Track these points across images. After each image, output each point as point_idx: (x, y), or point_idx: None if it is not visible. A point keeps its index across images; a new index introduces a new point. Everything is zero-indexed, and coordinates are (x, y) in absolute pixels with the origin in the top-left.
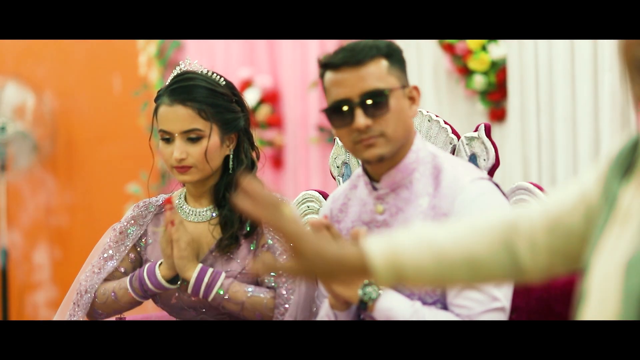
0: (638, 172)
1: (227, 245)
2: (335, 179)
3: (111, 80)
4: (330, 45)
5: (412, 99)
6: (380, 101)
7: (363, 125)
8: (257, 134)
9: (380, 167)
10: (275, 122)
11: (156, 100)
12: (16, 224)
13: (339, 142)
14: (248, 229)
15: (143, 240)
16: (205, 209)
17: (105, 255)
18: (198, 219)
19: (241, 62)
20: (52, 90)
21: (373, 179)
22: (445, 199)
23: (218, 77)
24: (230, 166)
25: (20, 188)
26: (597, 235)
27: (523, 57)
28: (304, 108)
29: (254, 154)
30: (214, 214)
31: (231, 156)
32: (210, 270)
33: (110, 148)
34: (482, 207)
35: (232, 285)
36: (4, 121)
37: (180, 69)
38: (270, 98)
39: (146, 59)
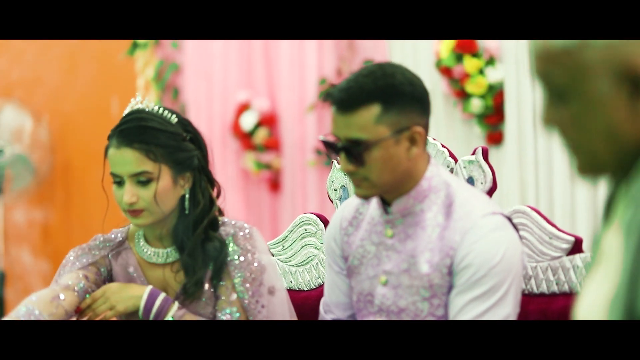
0: (614, 216)
1: (193, 292)
2: (332, 202)
3: (109, 102)
4: (328, 70)
5: (414, 141)
6: (360, 152)
7: (344, 169)
8: (254, 157)
9: (391, 193)
10: (272, 145)
11: (108, 138)
12: (13, 246)
13: (337, 165)
14: (211, 268)
15: (112, 274)
16: (167, 250)
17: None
18: (160, 261)
19: (239, 85)
20: (50, 113)
21: (385, 201)
22: (455, 232)
23: (169, 114)
24: (186, 206)
25: (18, 210)
26: (586, 274)
27: (520, 80)
28: (301, 131)
29: (214, 192)
30: (176, 256)
31: (187, 196)
32: (162, 295)
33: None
34: (491, 245)
35: (185, 317)
36: (2, 144)
37: (132, 107)
38: (268, 121)
39: (144, 82)
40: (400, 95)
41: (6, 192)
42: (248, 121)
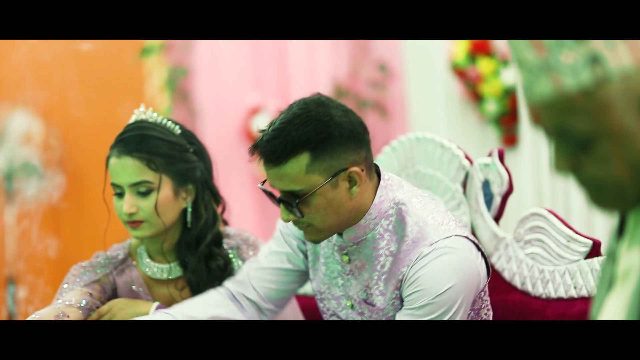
0: (627, 232)
1: None
2: None
3: (118, 107)
4: (341, 71)
5: (353, 181)
6: (294, 203)
7: (285, 220)
8: None
9: (342, 229)
10: None
11: (110, 149)
12: (24, 253)
13: None
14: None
15: (116, 292)
16: (171, 265)
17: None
18: (164, 276)
19: (250, 88)
20: (60, 117)
21: None
22: (404, 261)
23: (173, 125)
24: (188, 220)
25: (29, 217)
26: (606, 289)
27: None
28: None
29: (219, 208)
30: (180, 271)
31: (189, 210)
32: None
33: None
34: (437, 272)
35: None
36: (11, 153)
37: (135, 117)
38: None
39: (155, 87)
40: (329, 139)
41: (16, 199)
42: (262, 125)
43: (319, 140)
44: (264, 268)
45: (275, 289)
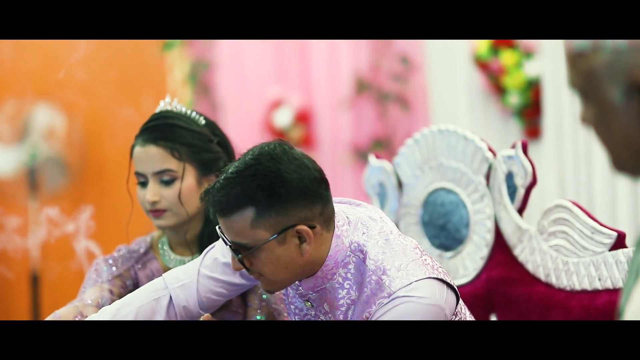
0: None
1: None
2: (370, 197)
3: (141, 100)
4: (363, 64)
5: (302, 238)
6: (242, 255)
7: (235, 269)
8: None
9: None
10: (307, 142)
11: (135, 138)
12: (47, 247)
13: (373, 163)
14: None
15: (138, 286)
16: (193, 256)
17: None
18: None
19: (272, 81)
20: (83, 111)
21: None
22: (364, 310)
23: (198, 116)
24: None
25: (52, 211)
26: (634, 278)
27: (558, 73)
28: (336, 127)
29: None
30: None
31: None
32: None
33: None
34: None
35: None
36: (34, 148)
37: (160, 108)
38: (303, 117)
39: (178, 80)
40: (274, 196)
41: (40, 193)
42: (283, 118)
43: (263, 197)
44: (215, 279)
45: (218, 299)
